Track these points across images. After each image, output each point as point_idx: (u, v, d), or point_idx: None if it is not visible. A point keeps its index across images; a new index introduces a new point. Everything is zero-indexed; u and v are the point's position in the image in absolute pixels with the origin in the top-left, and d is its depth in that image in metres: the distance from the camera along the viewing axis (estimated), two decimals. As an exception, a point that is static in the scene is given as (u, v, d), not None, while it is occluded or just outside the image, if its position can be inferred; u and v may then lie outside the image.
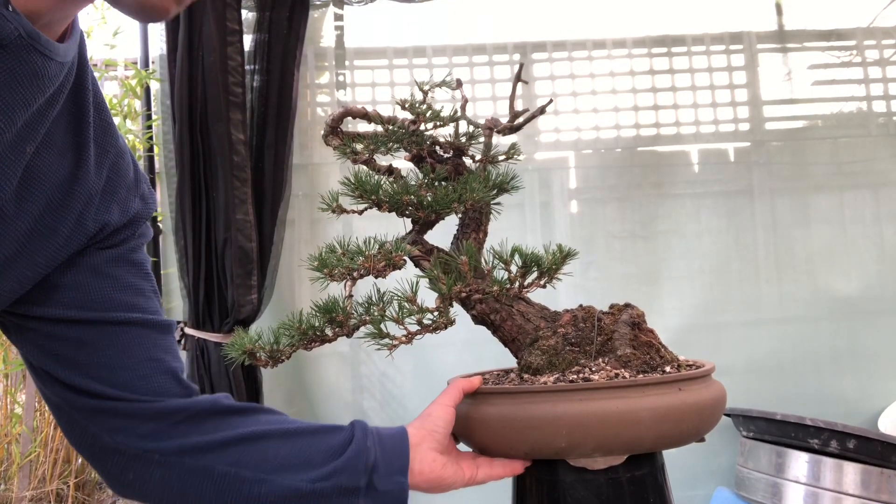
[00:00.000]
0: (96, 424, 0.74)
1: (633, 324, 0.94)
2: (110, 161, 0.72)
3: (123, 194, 0.73)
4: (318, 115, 2.23)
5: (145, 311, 0.75)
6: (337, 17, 2.23)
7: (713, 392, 0.91)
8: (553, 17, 2.22)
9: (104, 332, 0.72)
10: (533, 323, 0.99)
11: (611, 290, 2.13)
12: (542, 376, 0.93)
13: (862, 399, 2.13)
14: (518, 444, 0.89)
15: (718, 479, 2.06)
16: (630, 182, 2.22)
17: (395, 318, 0.83)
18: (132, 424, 0.74)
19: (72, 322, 0.71)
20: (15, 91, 0.56)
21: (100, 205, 0.70)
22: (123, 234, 0.74)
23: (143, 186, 0.77)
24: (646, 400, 0.85)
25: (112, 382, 0.72)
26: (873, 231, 2.23)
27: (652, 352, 0.93)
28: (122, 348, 0.73)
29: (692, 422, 0.88)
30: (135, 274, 0.75)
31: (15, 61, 0.55)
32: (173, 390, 0.76)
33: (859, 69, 2.30)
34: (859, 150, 2.26)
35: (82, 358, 0.72)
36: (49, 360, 0.73)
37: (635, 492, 0.90)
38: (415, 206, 0.92)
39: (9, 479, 2.08)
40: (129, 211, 0.74)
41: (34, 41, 0.55)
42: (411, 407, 2.11)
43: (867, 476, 1.65)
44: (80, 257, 0.71)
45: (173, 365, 0.77)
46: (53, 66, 0.58)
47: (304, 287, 2.13)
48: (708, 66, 2.28)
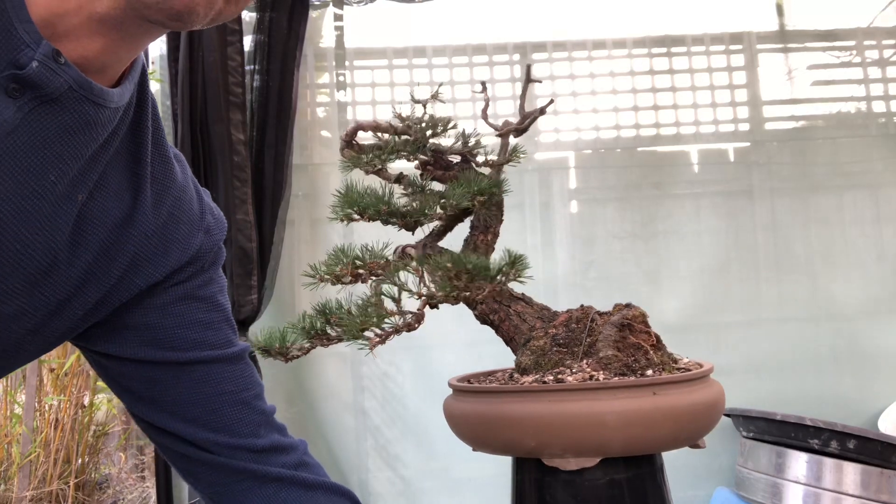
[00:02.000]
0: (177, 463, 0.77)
1: (623, 325, 0.94)
2: (171, 197, 0.70)
3: (185, 230, 0.72)
4: (318, 116, 2.23)
5: (213, 346, 0.74)
6: (337, 18, 2.23)
7: (697, 397, 0.89)
8: (553, 17, 2.22)
9: (172, 371, 0.73)
10: (528, 323, 1.00)
11: (611, 290, 2.13)
12: (529, 376, 0.94)
13: (862, 399, 2.13)
14: (493, 440, 0.92)
15: (718, 479, 2.06)
16: (630, 182, 2.22)
17: (360, 325, 0.86)
18: (201, 471, 0.75)
19: (141, 362, 0.72)
20: (67, 142, 0.56)
21: (158, 245, 0.69)
22: (188, 270, 0.73)
23: (208, 218, 0.75)
24: (615, 403, 0.85)
25: (185, 417, 0.73)
26: (873, 231, 2.23)
27: (639, 354, 0.92)
28: (191, 385, 0.73)
29: (667, 427, 0.87)
30: (204, 309, 0.74)
31: (66, 113, 0.55)
32: (245, 420, 0.75)
33: (859, 69, 2.30)
34: (859, 150, 2.26)
35: (155, 395, 0.73)
36: (125, 395, 0.75)
37: (634, 492, 0.90)
38: (392, 215, 0.94)
39: (9, 479, 2.08)
40: (190, 248, 0.72)
41: (86, 92, 0.55)
42: (412, 406, 2.11)
43: (867, 476, 1.65)
44: (148, 297, 0.71)
45: (243, 395, 0.76)
46: (107, 113, 0.58)
47: (303, 287, 2.13)
48: (708, 66, 2.27)
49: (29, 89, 0.53)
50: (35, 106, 0.53)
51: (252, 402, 0.76)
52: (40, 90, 0.53)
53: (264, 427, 0.77)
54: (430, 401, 2.12)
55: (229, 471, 0.74)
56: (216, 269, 0.77)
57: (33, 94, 0.53)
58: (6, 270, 0.58)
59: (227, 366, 0.75)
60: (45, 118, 0.54)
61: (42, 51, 0.52)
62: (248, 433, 0.75)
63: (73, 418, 2.40)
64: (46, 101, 0.54)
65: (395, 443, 2.12)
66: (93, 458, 2.57)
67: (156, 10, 0.52)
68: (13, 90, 0.52)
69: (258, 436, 0.76)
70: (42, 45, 0.52)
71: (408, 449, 2.11)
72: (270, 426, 0.78)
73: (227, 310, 0.77)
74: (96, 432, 2.60)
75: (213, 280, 0.76)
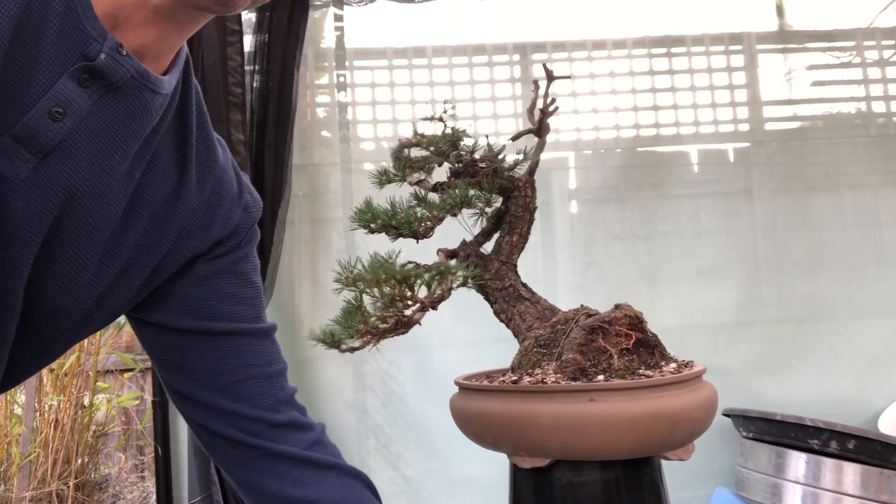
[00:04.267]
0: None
1: (594, 328, 0.94)
2: (214, 177, 0.77)
3: (226, 207, 0.78)
4: (318, 116, 2.23)
5: (244, 320, 0.80)
6: (337, 18, 2.23)
7: (637, 406, 0.85)
8: (553, 18, 2.22)
9: (205, 341, 0.79)
10: (527, 323, 1.02)
11: (610, 290, 2.13)
12: (514, 375, 0.98)
13: (862, 399, 2.13)
14: (468, 432, 0.98)
15: (718, 479, 2.06)
16: (630, 182, 2.22)
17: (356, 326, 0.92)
18: (221, 444, 0.81)
19: (178, 330, 0.78)
20: (128, 126, 0.62)
21: (202, 219, 0.76)
22: (227, 245, 0.79)
23: (246, 196, 0.82)
24: (549, 407, 0.86)
25: (212, 386, 0.79)
26: (873, 231, 2.23)
27: (602, 358, 0.91)
28: (220, 356, 0.79)
29: (599, 435, 0.85)
30: (237, 284, 0.81)
31: (128, 99, 0.61)
32: (267, 393, 0.80)
33: (859, 70, 2.31)
34: (859, 150, 2.26)
35: (187, 363, 0.79)
36: (161, 363, 0.82)
37: (632, 492, 0.90)
38: (395, 228, 1.00)
39: (9, 479, 2.08)
40: (230, 222, 0.79)
41: (144, 80, 0.61)
42: (412, 405, 2.12)
43: (867, 476, 1.65)
44: (189, 269, 0.77)
45: (266, 370, 0.81)
46: (160, 99, 0.64)
47: (303, 287, 2.14)
48: (707, 66, 2.28)
49: (98, 79, 0.58)
50: (102, 94, 0.59)
51: (274, 378, 0.82)
52: (107, 79, 0.59)
53: (284, 404, 0.82)
54: (432, 400, 2.12)
55: (246, 447, 0.79)
56: (251, 248, 0.84)
57: (102, 83, 0.59)
58: (81, 243, 0.65)
59: (255, 340, 0.81)
60: (110, 104, 0.60)
61: (108, 44, 0.58)
62: (268, 406, 0.80)
63: (72, 418, 2.40)
64: (112, 89, 0.60)
65: (397, 441, 2.12)
66: (92, 458, 2.57)
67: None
68: (84, 80, 0.58)
69: (277, 411, 0.80)
70: (108, 39, 0.58)
71: (409, 448, 2.11)
72: (291, 404, 0.83)
73: (259, 288, 0.84)
74: (96, 432, 2.60)
75: (248, 258, 0.83)
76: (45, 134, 0.58)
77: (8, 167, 0.57)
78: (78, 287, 0.67)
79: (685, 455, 0.92)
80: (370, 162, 2.21)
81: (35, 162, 0.58)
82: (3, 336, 0.65)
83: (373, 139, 2.25)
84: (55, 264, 0.64)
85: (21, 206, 0.59)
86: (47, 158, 0.59)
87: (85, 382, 2.50)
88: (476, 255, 1.08)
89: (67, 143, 0.59)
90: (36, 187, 0.59)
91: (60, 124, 0.58)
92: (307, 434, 0.82)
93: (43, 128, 0.57)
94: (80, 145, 0.60)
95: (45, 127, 0.57)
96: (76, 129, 0.59)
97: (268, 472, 0.79)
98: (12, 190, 0.58)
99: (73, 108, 0.58)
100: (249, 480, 0.80)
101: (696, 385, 0.93)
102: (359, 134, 2.24)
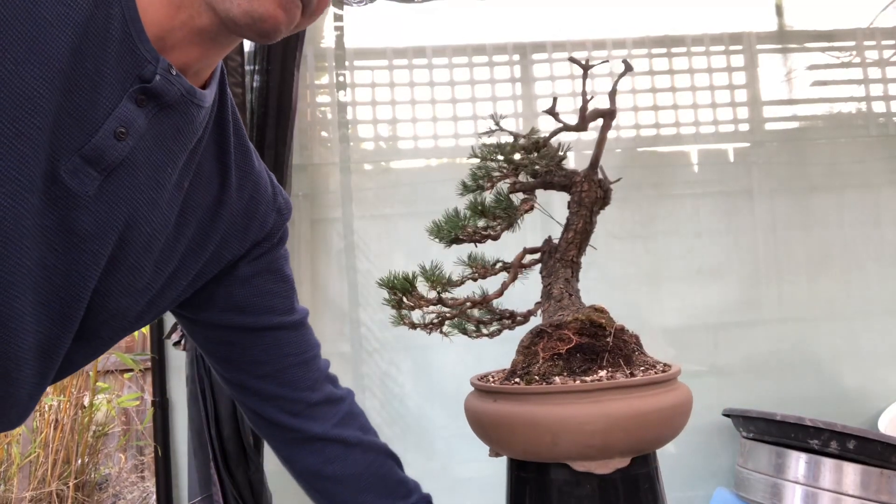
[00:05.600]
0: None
1: (540, 332, 0.96)
2: (251, 182, 0.82)
3: (263, 210, 0.84)
4: (318, 116, 2.23)
5: (281, 313, 0.88)
6: (337, 18, 2.23)
7: (521, 410, 0.89)
8: (553, 18, 2.22)
9: (248, 336, 0.86)
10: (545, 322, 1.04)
11: (610, 290, 2.13)
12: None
13: (862, 399, 2.13)
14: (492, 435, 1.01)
15: (718, 479, 2.06)
16: (630, 182, 2.22)
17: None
18: (265, 426, 0.91)
19: (224, 327, 0.86)
20: (178, 140, 0.67)
21: (241, 223, 0.81)
22: (264, 246, 0.86)
23: (279, 199, 0.88)
24: (493, 406, 0.93)
25: (257, 375, 0.87)
26: (873, 231, 2.23)
27: (532, 361, 0.95)
28: (263, 347, 0.87)
29: (503, 434, 0.92)
30: (273, 280, 0.88)
31: (178, 116, 0.66)
32: (305, 377, 0.90)
33: (859, 70, 2.31)
34: (859, 150, 2.26)
35: (233, 356, 0.88)
36: (210, 356, 0.90)
37: (629, 491, 0.90)
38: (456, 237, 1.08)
39: (8, 479, 2.08)
40: (266, 225, 0.85)
41: (191, 96, 0.66)
42: (412, 406, 2.12)
43: (867, 477, 1.65)
44: (233, 270, 0.84)
45: (303, 357, 0.90)
46: (203, 112, 0.69)
47: (303, 287, 2.14)
48: (707, 66, 2.28)
49: (152, 99, 0.63)
50: (156, 112, 0.64)
51: (311, 362, 0.91)
52: (161, 99, 0.63)
53: (320, 382, 0.91)
54: (431, 400, 2.12)
55: (286, 429, 0.89)
56: (283, 245, 0.91)
57: (156, 102, 0.63)
58: (141, 252, 0.69)
59: (291, 332, 0.89)
60: (163, 121, 0.65)
61: (161, 66, 0.62)
62: (307, 387, 0.90)
63: (72, 419, 2.40)
64: (164, 107, 0.64)
65: (396, 442, 2.11)
66: (92, 458, 2.57)
67: (247, 29, 0.63)
68: (141, 100, 0.62)
69: (314, 390, 0.90)
70: (160, 61, 0.62)
71: (409, 448, 2.11)
72: (326, 380, 0.93)
73: (291, 279, 0.91)
74: (96, 433, 2.60)
75: (282, 255, 0.91)
76: (111, 153, 0.62)
77: (78, 185, 0.61)
78: (135, 291, 0.72)
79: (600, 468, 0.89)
80: (370, 162, 2.21)
81: (101, 179, 0.62)
82: (60, 342, 0.68)
83: (373, 139, 2.25)
84: (118, 273, 0.69)
85: (90, 222, 0.63)
86: (112, 176, 0.63)
87: (85, 383, 2.51)
88: (548, 253, 1.14)
89: (129, 160, 0.63)
90: (103, 203, 0.63)
91: (124, 143, 0.62)
92: (339, 407, 0.92)
93: (109, 147, 0.61)
94: (138, 161, 0.64)
95: (112, 146, 0.61)
96: (136, 146, 0.63)
97: (303, 449, 0.90)
98: (81, 207, 0.62)
99: (134, 127, 0.62)
100: (289, 457, 0.91)
101: (640, 392, 0.88)
102: (359, 134, 2.24)
